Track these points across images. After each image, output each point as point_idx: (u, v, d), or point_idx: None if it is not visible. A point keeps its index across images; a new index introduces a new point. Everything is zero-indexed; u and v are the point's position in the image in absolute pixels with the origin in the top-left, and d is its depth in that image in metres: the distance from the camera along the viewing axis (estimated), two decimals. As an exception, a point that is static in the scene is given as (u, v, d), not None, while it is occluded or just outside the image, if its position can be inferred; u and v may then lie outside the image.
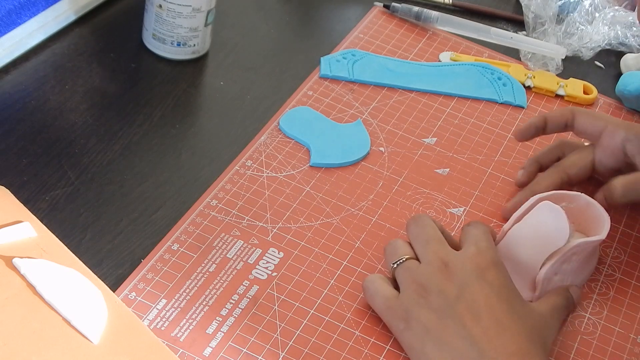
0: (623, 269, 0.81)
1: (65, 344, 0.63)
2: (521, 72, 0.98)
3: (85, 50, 0.90)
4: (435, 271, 0.69)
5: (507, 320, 0.66)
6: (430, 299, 0.67)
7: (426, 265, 0.69)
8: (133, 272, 0.71)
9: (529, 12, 1.03)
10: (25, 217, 0.71)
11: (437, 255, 0.70)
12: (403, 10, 1.02)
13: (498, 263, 0.70)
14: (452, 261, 0.69)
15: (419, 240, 0.71)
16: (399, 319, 0.68)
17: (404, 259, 0.70)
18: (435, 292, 0.68)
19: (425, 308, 0.67)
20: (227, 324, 0.69)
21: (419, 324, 0.67)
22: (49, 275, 0.66)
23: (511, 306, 0.67)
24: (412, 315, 0.68)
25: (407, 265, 0.70)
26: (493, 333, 0.65)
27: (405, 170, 0.85)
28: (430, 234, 0.71)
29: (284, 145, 0.84)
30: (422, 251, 0.71)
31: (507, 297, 0.68)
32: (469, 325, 0.66)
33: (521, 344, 0.65)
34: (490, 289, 0.68)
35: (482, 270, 0.68)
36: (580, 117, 0.84)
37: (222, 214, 0.77)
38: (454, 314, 0.66)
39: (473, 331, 0.65)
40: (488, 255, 0.70)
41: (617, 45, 1.04)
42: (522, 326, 0.67)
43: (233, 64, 0.93)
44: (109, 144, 0.81)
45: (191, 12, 0.87)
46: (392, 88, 0.93)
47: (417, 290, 0.68)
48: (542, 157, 0.85)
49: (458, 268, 0.69)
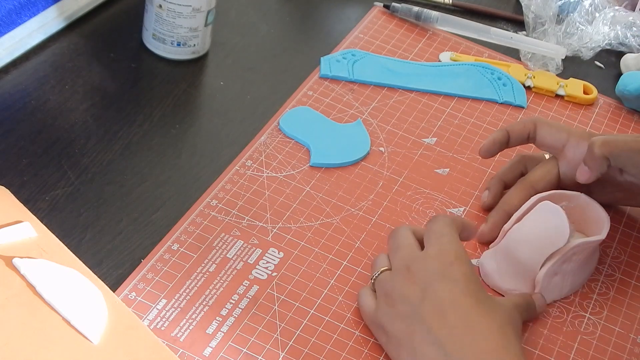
0: (623, 269, 0.81)
1: (65, 344, 0.63)
2: (521, 72, 0.98)
3: (85, 50, 0.90)
4: (399, 277, 0.68)
5: (475, 315, 0.65)
6: (397, 307, 0.67)
7: (392, 273, 0.69)
8: (133, 272, 0.71)
9: (529, 12, 1.03)
10: (25, 217, 0.71)
11: (402, 261, 0.69)
12: (403, 10, 1.02)
13: (461, 257, 0.68)
14: (414, 264, 0.68)
15: (391, 251, 0.71)
16: (379, 332, 0.69)
17: (380, 272, 0.70)
18: (399, 299, 0.67)
19: (394, 317, 0.67)
20: (227, 324, 0.69)
21: (393, 336, 0.67)
22: (49, 275, 0.66)
23: (478, 300, 0.66)
24: (386, 328, 0.68)
25: (380, 277, 0.70)
26: (460, 332, 0.64)
27: (405, 170, 0.85)
28: (400, 242, 0.70)
29: (284, 145, 0.84)
30: (392, 260, 0.70)
31: (473, 291, 0.66)
32: (435, 328, 0.65)
33: (493, 339, 0.64)
34: (454, 285, 0.66)
35: (445, 267, 0.67)
36: (542, 129, 0.81)
37: (222, 214, 0.77)
38: (420, 318, 0.65)
39: (439, 334, 0.64)
40: (451, 251, 0.68)
41: (617, 45, 1.04)
42: (491, 320, 0.65)
43: (233, 64, 0.93)
44: (109, 144, 0.81)
45: (191, 12, 0.87)
46: (392, 88, 0.93)
47: (387, 301, 0.68)
48: (505, 174, 0.83)
49: (420, 269, 0.67)
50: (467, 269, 0.67)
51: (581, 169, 0.77)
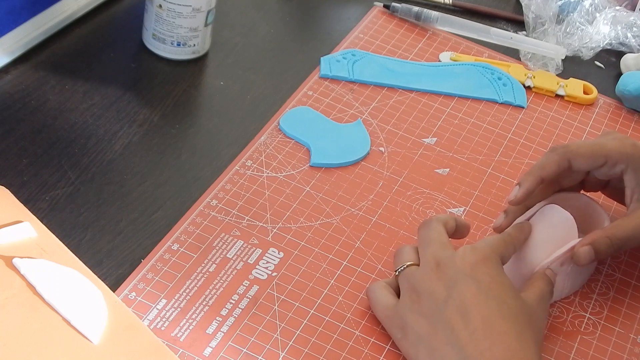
0: (623, 269, 0.81)
1: (65, 344, 0.63)
2: (521, 72, 0.98)
3: (85, 50, 0.90)
4: (428, 273, 0.68)
5: (496, 318, 0.65)
6: (422, 304, 0.67)
7: (421, 268, 0.69)
8: (133, 272, 0.71)
9: (529, 12, 1.03)
10: (25, 217, 0.71)
11: (432, 257, 0.69)
12: (403, 10, 1.02)
13: (489, 258, 0.68)
14: (444, 261, 0.68)
15: (422, 244, 0.71)
16: (396, 327, 0.69)
17: (406, 266, 0.70)
18: (426, 295, 0.67)
19: (417, 314, 0.67)
20: (227, 324, 0.69)
21: (413, 332, 0.67)
22: (49, 275, 0.66)
23: (501, 303, 0.66)
24: (407, 323, 0.67)
25: (406, 271, 0.70)
26: (480, 335, 0.64)
27: (405, 170, 0.85)
28: (432, 237, 0.71)
29: (284, 145, 0.84)
30: (422, 254, 0.70)
31: (497, 294, 0.66)
32: (457, 329, 0.65)
33: (510, 345, 0.64)
34: (478, 286, 0.66)
35: (472, 267, 0.67)
36: (576, 160, 0.77)
37: (222, 214, 0.77)
38: (443, 317, 0.65)
39: (460, 335, 0.64)
40: (480, 252, 0.68)
41: (617, 45, 1.04)
42: (511, 325, 0.65)
43: (233, 64, 0.93)
44: (109, 144, 0.81)
45: (191, 12, 0.87)
46: (392, 88, 0.93)
47: (411, 297, 0.68)
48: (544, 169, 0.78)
49: (448, 267, 0.68)
50: (495, 270, 0.68)
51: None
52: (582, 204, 0.79)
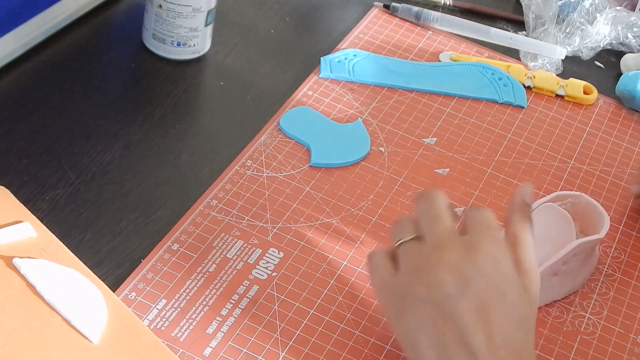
0: (623, 269, 0.81)
1: (65, 344, 0.63)
2: (521, 72, 0.98)
3: (85, 50, 0.90)
4: (434, 255, 0.62)
5: (511, 324, 0.60)
6: (428, 289, 0.60)
7: (427, 248, 0.63)
8: (133, 272, 0.71)
9: (529, 12, 1.03)
10: (25, 217, 0.71)
11: (438, 238, 0.63)
12: (403, 10, 1.02)
13: (507, 257, 0.63)
14: (454, 249, 0.62)
15: (427, 217, 0.64)
16: (391, 301, 0.63)
17: (409, 238, 0.64)
18: (434, 280, 0.60)
19: (421, 299, 0.60)
20: (227, 324, 0.69)
21: (414, 316, 0.61)
22: (49, 275, 0.66)
23: (516, 310, 0.61)
24: (406, 303, 0.61)
25: (410, 245, 0.64)
26: (495, 345, 0.59)
27: (405, 170, 0.85)
28: (438, 213, 0.64)
29: (284, 145, 0.84)
30: (429, 230, 0.63)
31: (514, 300, 0.61)
32: (471, 330, 0.59)
33: (520, 355, 0.60)
34: (496, 287, 0.61)
35: (494, 269, 0.61)
36: None
37: (222, 214, 0.77)
38: (456, 313, 0.59)
39: (474, 339, 0.59)
40: (500, 249, 0.63)
41: (617, 45, 1.04)
42: (523, 334, 0.61)
43: (233, 64, 0.93)
44: (109, 144, 0.81)
45: (191, 12, 0.87)
46: (392, 88, 0.93)
47: (417, 274, 0.61)
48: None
49: (461, 261, 0.61)
50: (509, 270, 0.62)
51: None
52: (582, 203, 0.79)
